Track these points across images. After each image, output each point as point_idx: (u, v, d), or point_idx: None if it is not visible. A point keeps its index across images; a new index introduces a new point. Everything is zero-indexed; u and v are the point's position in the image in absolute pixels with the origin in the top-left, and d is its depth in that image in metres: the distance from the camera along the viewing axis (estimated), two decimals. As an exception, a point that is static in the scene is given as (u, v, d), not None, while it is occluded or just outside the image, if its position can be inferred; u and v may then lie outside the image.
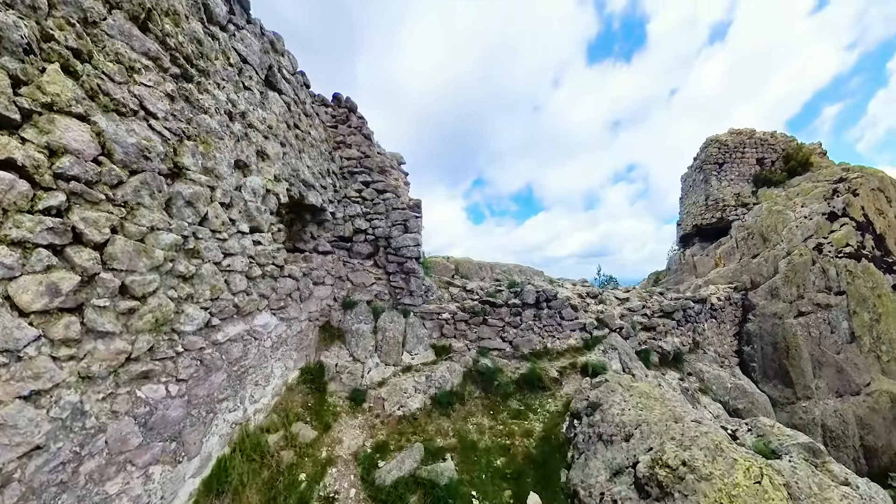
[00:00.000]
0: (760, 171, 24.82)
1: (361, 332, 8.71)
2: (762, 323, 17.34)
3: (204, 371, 5.21)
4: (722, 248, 20.73)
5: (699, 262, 21.83)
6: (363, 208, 9.85)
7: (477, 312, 9.86)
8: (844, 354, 16.73)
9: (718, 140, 25.08)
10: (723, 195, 23.03)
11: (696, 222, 23.56)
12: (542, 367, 9.12)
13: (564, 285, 12.86)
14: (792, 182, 24.04)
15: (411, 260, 9.38)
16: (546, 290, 10.51)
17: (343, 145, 9.90)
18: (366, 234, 9.85)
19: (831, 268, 17.72)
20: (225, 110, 5.46)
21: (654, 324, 11.95)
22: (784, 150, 25.66)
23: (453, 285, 10.76)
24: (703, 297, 14.35)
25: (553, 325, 10.43)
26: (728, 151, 24.73)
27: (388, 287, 9.78)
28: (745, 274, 18.76)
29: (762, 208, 20.97)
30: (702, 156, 25.55)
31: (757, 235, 19.80)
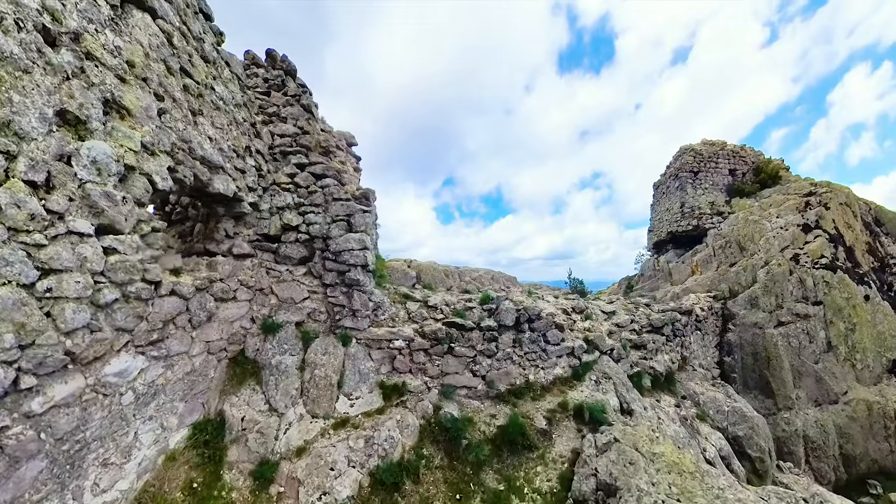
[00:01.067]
0: (733, 181, 24.56)
1: (284, 368, 6.33)
2: (742, 333, 16.52)
3: (4, 465, 3.05)
4: (699, 255, 19.92)
5: (675, 269, 20.97)
6: (295, 198, 7.43)
7: (441, 339, 7.71)
8: (822, 364, 16.25)
9: (693, 149, 24.57)
10: (698, 203, 22.37)
11: (670, 229, 22.79)
12: (525, 412, 7.33)
13: (545, 298, 11.18)
14: (763, 193, 23.89)
15: (356, 268, 7.23)
16: (527, 307, 8.74)
17: (276, 118, 7.65)
18: (298, 231, 7.43)
19: (808, 278, 17.23)
20: (34, 22, 3.27)
21: (644, 341, 10.49)
22: (754, 162, 25.66)
23: (412, 299, 8.74)
24: (689, 309, 13.15)
25: (536, 352, 8.58)
26: (703, 161, 24.26)
27: (326, 304, 7.41)
28: (723, 282, 17.98)
29: (738, 217, 20.42)
30: (676, 164, 24.96)
31: (734, 244, 19.12)
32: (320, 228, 7.44)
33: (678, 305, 13.34)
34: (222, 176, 5.93)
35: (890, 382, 17.27)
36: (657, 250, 25.21)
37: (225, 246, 7.00)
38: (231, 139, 6.29)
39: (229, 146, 6.20)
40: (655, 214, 26.79)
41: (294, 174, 7.64)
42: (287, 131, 7.63)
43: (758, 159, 26.10)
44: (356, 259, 7.21)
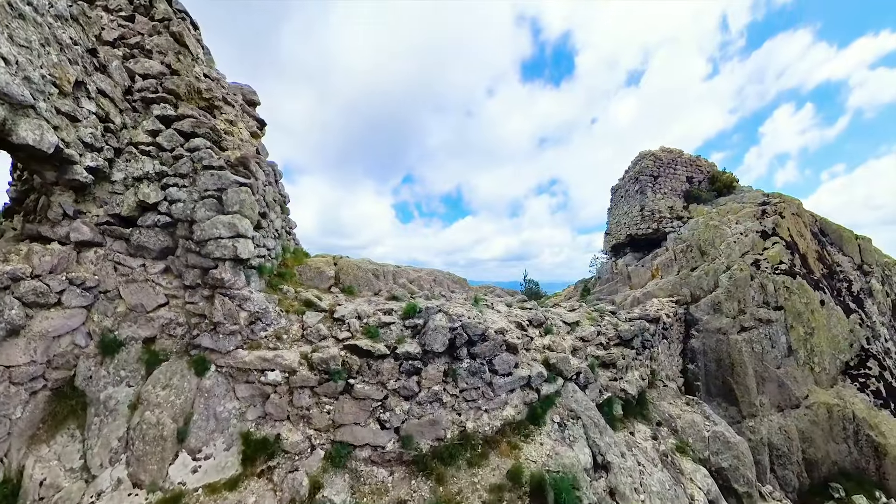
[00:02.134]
0: (690, 188, 24.53)
1: (112, 406, 4.46)
2: (706, 339, 15.74)
3: None
4: (659, 259, 19.27)
5: (634, 272, 20.23)
6: (157, 165, 5.52)
7: (334, 372, 5.54)
8: (784, 368, 15.74)
9: (654, 154, 24.35)
10: (658, 207, 21.93)
11: (630, 232, 22.18)
12: (454, 492, 5.07)
13: (496, 307, 9.60)
14: (720, 201, 23.93)
15: (223, 264, 5.36)
16: (468, 323, 6.73)
17: (139, 51, 5.83)
18: (158, 212, 5.51)
19: (769, 283, 16.85)
20: None
21: (613, 357, 9.05)
22: (709, 172, 25.87)
23: (315, 308, 6.73)
24: (656, 317, 12.09)
25: (478, 388, 6.44)
26: (662, 166, 24.06)
27: (185, 313, 5.47)
28: (685, 287, 17.29)
29: (698, 222, 20.06)
30: (636, 167, 24.66)
31: (695, 248, 18.60)
32: (184, 208, 5.49)
33: (645, 312, 12.25)
34: (32, 120, 4.07)
35: (845, 384, 17.04)
36: (615, 253, 24.62)
37: (63, 230, 5.06)
38: (48, 67, 4.42)
39: (44, 76, 4.33)
40: (613, 218, 26.40)
41: (157, 132, 5.73)
42: (151, 69, 5.76)
43: (712, 169, 26.37)
44: (224, 251, 5.27)
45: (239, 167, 5.71)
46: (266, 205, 7.31)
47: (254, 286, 6.00)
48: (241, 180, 5.65)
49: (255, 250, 5.99)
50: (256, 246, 6.20)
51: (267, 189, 7.34)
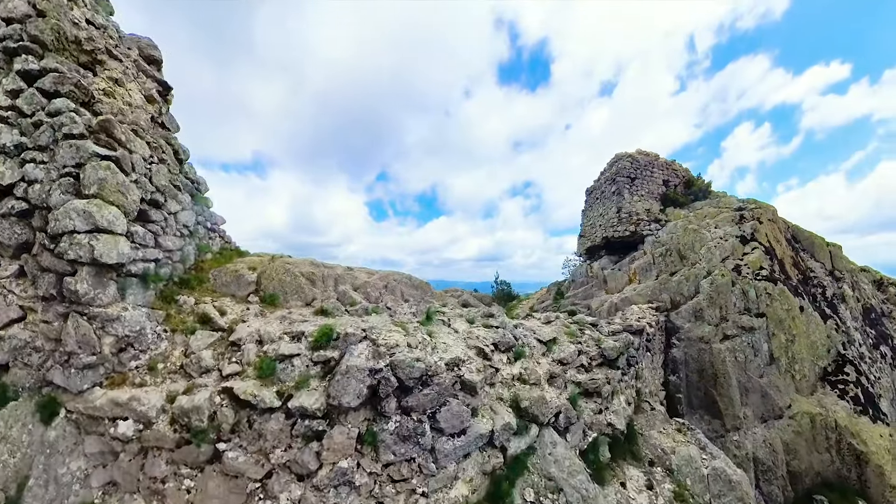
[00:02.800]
0: (667, 191, 23.77)
1: None
2: (688, 348, 14.48)
3: None
4: (637, 263, 18.06)
5: (610, 276, 18.94)
6: (16, 135, 3.81)
7: (197, 431, 3.78)
8: (767, 377, 14.70)
9: (631, 155, 23.43)
10: (635, 209, 20.86)
11: (606, 234, 20.97)
12: None
13: (454, 323, 7.62)
14: (696, 205, 23.24)
15: (82, 270, 3.69)
16: (400, 361, 4.77)
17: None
18: (14, 196, 3.89)
19: (751, 290, 15.89)
20: None
21: (598, 383, 7.26)
22: (684, 176, 25.28)
23: (211, 325, 4.88)
24: (640, 328, 10.57)
25: (413, 458, 4.45)
26: (639, 167, 23.16)
27: (41, 334, 3.71)
28: (664, 292, 16.09)
29: (677, 226, 19.07)
30: (613, 168, 23.67)
31: (674, 252, 17.49)
32: (41, 191, 3.64)
33: (627, 323, 10.73)
34: None
35: (825, 391, 16.24)
36: (589, 256, 23.41)
37: None
38: None
39: None
40: (587, 220, 25.31)
41: (18, 91, 3.75)
42: (15, 11, 3.74)
43: (687, 174, 25.79)
44: (79, 250, 3.56)
45: (100, 134, 3.70)
46: (158, 190, 5.21)
47: (132, 300, 4.07)
48: (103, 152, 3.65)
49: (131, 252, 4.07)
50: (137, 246, 4.40)
51: (157, 169, 5.24)
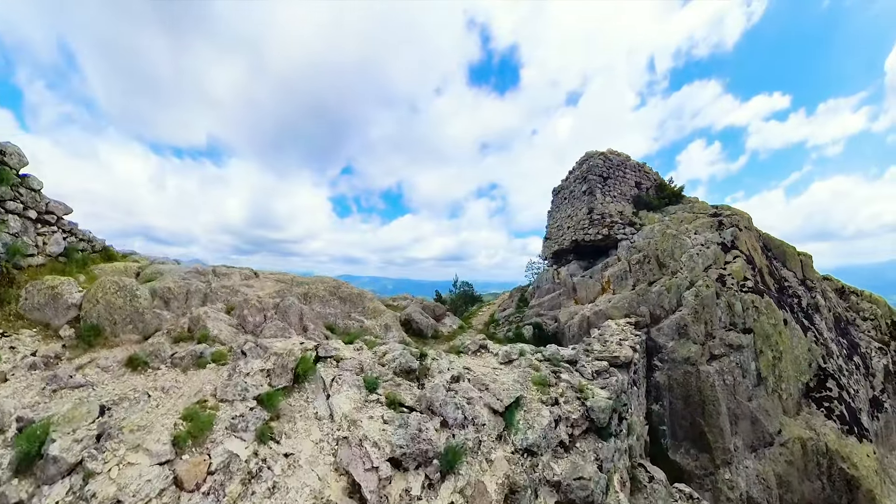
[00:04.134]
0: (639, 193, 22.02)
1: None
2: (672, 371, 12.25)
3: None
4: (611, 270, 15.84)
5: (580, 284, 16.62)
6: None
7: None
8: (756, 401, 12.74)
9: (603, 154, 21.47)
10: (608, 210, 18.79)
11: (575, 237, 18.73)
12: None
13: (341, 389, 4.65)
14: (669, 209, 21.59)
15: None
16: None
17: None
18: None
19: (737, 302, 14.02)
20: None
21: (585, 481, 4.49)
22: (656, 180, 23.76)
23: None
24: (628, 359, 8.06)
25: None
26: (612, 167, 21.25)
27: None
28: (643, 304, 13.91)
29: (654, 230, 17.11)
30: (584, 167, 21.62)
31: (653, 259, 15.41)
32: None
33: (611, 353, 8.25)
34: None
35: (811, 410, 14.54)
36: (556, 260, 21.15)
37: None
38: None
39: None
40: (554, 221, 23.19)
41: None
42: None
43: (658, 178, 24.30)
44: None
45: None
46: None
47: None
48: None
49: None
50: None
51: None
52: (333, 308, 11.16)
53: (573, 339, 13.43)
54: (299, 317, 8.75)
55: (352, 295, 11.85)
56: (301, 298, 10.42)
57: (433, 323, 13.34)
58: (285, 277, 12.23)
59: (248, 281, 11.84)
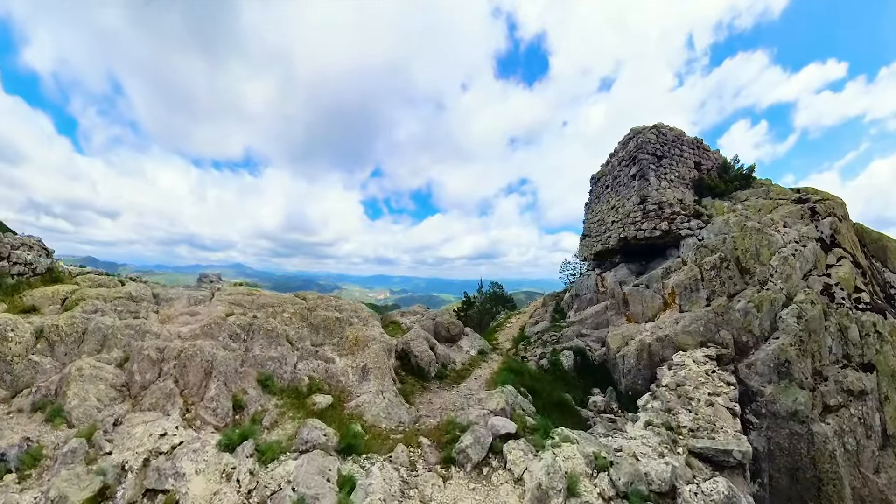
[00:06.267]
0: (700, 176, 18.03)
1: None
2: (773, 432, 8.82)
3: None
4: (675, 278, 12.29)
5: (634, 295, 13.15)
6: None
7: None
8: (885, 473, 9.29)
9: (656, 127, 17.50)
10: (666, 198, 15.08)
11: (624, 233, 15.10)
12: None
13: None
14: (738, 195, 17.54)
15: None
16: None
17: None
18: None
19: (852, 325, 10.38)
20: None
21: None
22: (717, 160, 19.57)
23: None
24: (743, 455, 4.78)
25: None
26: (667, 143, 17.29)
27: None
28: (723, 328, 10.46)
29: (729, 223, 13.38)
30: (631, 145, 17.77)
31: (732, 263, 11.78)
32: None
33: (708, 433, 5.01)
34: None
35: None
36: (599, 262, 17.50)
37: None
38: None
39: None
40: (594, 215, 19.45)
41: None
42: None
43: (719, 156, 20.08)
44: None
45: None
46: None
47: None
48: None
49: None
50: None
51: None
52: (298, 340, 8.35)
53: (630, 376, 10.13)
54: (205, 371, 5.94)
55: (328, 321, 8.98)
56: (244, 332, 7.68)
57: (443, 351, 10.32)
58: (245, 299, 9.51)
59: (194, 307, 9.21)
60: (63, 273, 9.40)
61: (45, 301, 7.82)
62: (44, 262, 8.72)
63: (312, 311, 9.63)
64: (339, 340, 8.81)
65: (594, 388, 10.41)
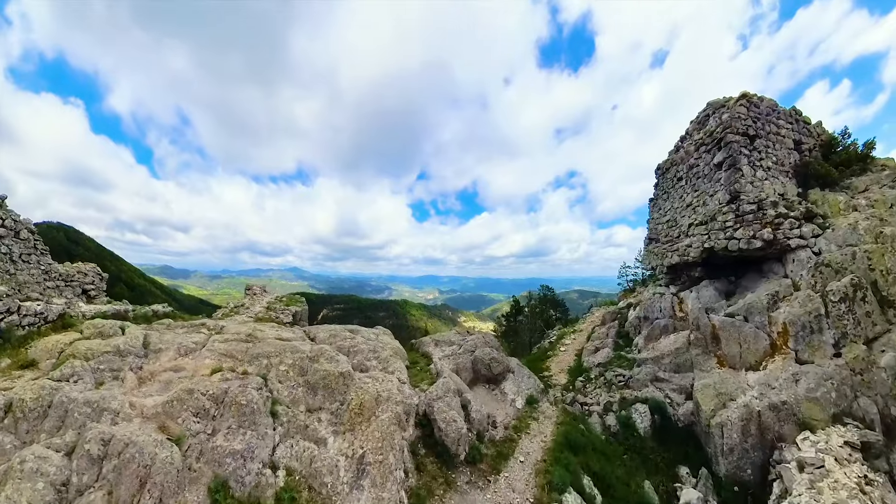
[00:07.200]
0: (801, 160, 14.34)
1: None
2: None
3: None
4: (787, 310, 9.37)
5: (729, 331, 10.22)
6: None
7: None
8: None
9: (745, 97, 13.94)
10: (766, 194, 11.87)
11: (710, 243, 12.03)
12: None
13: None
14: (855, 184, 13.78)
15: None
16: None
17: None
18: None
19: None
20: None
21: None
22: (819, 135, 15.55)
23: None
24: None
25: None
26: (760, 118, 13.76)
27: None
28: (862, 393, 7.67)
29: (857, 229, 10.10)
30: (713, 123, 14.40)
31: (867, 290, 8.77)
32: None
33: None
34: None
35: None
36: (673, 277, 14.45)
37: None
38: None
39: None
40: (662, 214, 16.19)
41: None
42: None
43: (824, 132, 16.05)
44: None
45: None
46: None
47: None
48: None
49: None
50: None
51: None
52: (291, 403, 6.68)
53: (732, 457, 7.59)
54: (141, 480, 4.36)
55: (328, 378, 7.25)
56: (215, 404, 6.08)
57: (479, 411, 8.28)
58: (239, 348, 8.04)
59: (180, 360, 7.75)
60: (75, 318, 9.11)
61: (44, 355, 7.35)
62: (55, 309, 8.48)
63: (314, 362, 7.91)
64: (340, 406, 7.11)
65: (681, 464, 8.04)
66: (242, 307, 14.34)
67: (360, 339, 10.10)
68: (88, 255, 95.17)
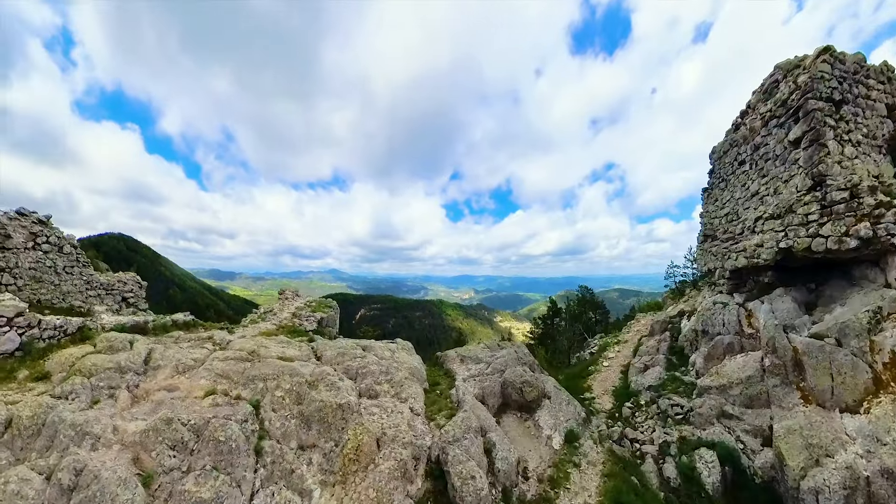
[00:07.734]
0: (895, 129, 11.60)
1: None
2: None
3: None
4: (892, 331, 7.28)
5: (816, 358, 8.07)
6: None
7: None
8: None
9: (829, 53, 11.39)
10: (859, 177, 9.51)
11: (788, 242, 9.77)
12: None
13: None
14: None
15: None
16: None
17: None
18: None
19: None
20: None
21: None
22: None
23: None
24: None
25: None
26: (846, 78, 11.22)
27: None
28: None
29: None
30: (784, 90, 11.98)
31: None
32: None
33: None
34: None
35: None
36: (737, 283, 12.10)
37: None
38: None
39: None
40: (719, 207, 13.82)
41: None
42: None
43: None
44: None
45: None
46: None
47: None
48: None
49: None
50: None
51: None
52: (282, 437, 5.82)
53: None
54: None
55: (324, 410, 6.35)
56: (194, 435, 5.39)
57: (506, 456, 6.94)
58: (237, 368, 7.60)
59: (176, 379, 7.49)
60: (94, 331, 9.38)
61: (58, 368, 7.55)
62: (74, 323, 8.85)
63: (312, 388, 6.96)
64: (334, 447, 6.12)
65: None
66: (271, 313, 14.17)
67: (371, 359, 9.05)
68: (145, 261, 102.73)
